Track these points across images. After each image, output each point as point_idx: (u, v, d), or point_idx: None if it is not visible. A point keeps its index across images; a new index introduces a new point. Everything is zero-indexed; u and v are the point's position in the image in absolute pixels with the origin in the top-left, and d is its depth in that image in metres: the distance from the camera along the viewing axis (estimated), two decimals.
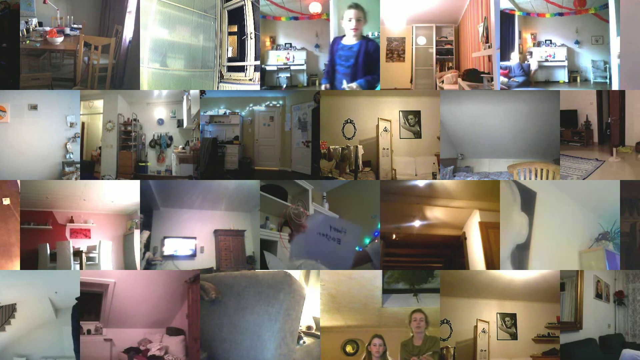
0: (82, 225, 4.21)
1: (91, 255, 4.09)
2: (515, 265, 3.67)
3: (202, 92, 4.08)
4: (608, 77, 4.03)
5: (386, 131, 4.23)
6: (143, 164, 4.38)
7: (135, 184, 3.75)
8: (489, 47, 3.88)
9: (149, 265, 3.99)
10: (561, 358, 3.71)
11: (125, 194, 3.91)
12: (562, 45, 4.32)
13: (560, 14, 4.22)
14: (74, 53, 4.07)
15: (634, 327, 4.14)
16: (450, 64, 4.45)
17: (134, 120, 4.34)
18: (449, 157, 3.90)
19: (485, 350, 3.94)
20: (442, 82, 4.28)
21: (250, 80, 4.19)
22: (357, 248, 3.68)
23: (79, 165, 3.99)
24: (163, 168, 4.41)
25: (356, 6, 3.82)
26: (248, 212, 4.35)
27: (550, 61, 4.32)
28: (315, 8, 4.28)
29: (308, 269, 3.72)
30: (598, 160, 4.00)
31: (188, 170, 4.21)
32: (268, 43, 4.37)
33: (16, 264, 3.66)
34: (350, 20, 3.84)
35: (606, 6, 3.99)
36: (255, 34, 4.05)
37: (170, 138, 4.51)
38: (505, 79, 4.02)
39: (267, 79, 4.31)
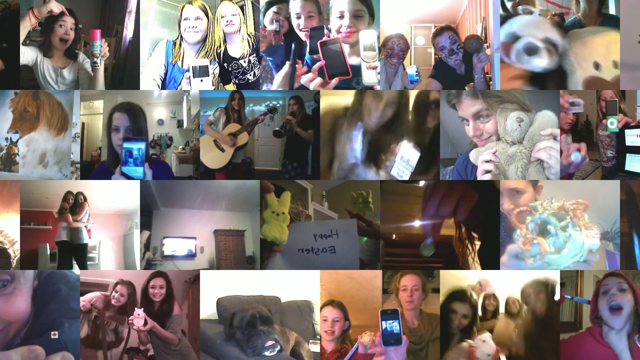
0: None
1: (91, 255, 4.09)
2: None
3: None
4: None
5: None
6: None
7: (135, 184, 3.76)
8: (488, 47, 3.88)
9: (149, 265, 4.00)
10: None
11: (125, 194, 3.91)
12: None
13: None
14: None
15: None
16: None
17: None
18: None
19: None
20: None
21: None
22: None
23: (79, 165, 4.00)
24: None
25: None
26: (248, 212, 4.34)
27: None
28: None
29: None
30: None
31: (188, 171, 4.22)
32: None
33: None
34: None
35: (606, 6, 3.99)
36: (255, 33, 4.05)
37: (170, 138, 4.52)
38: None
39: None
